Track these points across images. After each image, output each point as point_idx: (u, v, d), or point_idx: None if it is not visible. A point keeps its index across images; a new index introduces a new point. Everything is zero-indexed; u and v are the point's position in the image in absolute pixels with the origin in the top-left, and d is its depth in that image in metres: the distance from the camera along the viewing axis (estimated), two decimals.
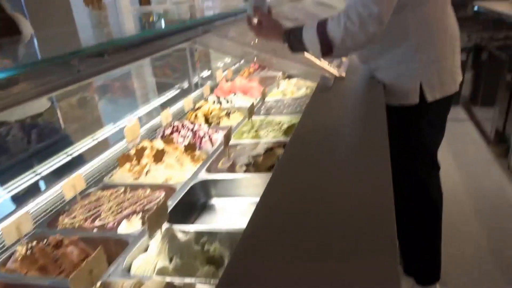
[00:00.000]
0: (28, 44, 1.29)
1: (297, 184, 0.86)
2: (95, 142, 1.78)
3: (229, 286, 0.59)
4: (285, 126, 1.57)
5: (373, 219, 0.71)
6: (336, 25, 1.19)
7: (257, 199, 0.82)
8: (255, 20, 1.41)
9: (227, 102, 2.05)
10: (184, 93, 2.57)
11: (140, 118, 2.18)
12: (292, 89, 2.04)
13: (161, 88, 2.71)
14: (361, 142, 1.04)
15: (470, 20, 3.99)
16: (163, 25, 1.62)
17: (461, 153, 3.13)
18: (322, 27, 1.22)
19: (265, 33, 1.39)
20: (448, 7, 1.33)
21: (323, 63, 1.54)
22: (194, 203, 1.24)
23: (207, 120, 1.87)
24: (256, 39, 1.49)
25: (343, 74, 1.55)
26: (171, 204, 1.11)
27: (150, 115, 2.21)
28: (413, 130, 1.40)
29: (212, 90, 2.31)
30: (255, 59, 1.72)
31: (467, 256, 2.02)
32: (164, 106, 2.31)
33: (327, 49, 1.24)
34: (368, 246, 0.64)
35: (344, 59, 1.80)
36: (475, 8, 3.98)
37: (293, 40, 1.33)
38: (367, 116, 1.20)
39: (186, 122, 1.72)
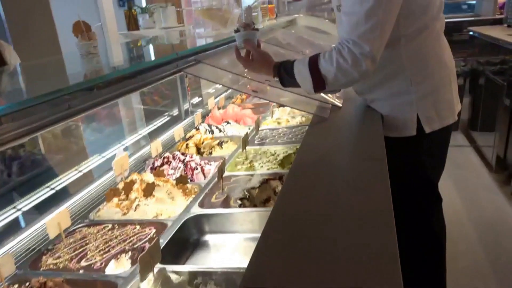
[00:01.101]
0: (13, 76, 1.32)
1: (296, 220, 0.88)
2: (80, 174, 1.78)
3: None
4: (280, 157, 1.60)
5: (376, 255, 0.72)
6: (328, 62, 1.24)
7: (253, 235, 0.83)
8: (244, 52, 1.47)
9: (220, 131, 2.09)
10: (174, 121, 2.60)
11: (127, 148, 2.20)
12: (287, 117, 2.09)
13: (150, 115, 2.74)
14: (361, 175, 1.07)
15: (466, 44, 4.16)
16: (152, 55, 1.67)
17: (462, 180, 3.19)
18: (314, 63, 1.28)
19: (254, 66, 1.44)
20: (442, 38, 1.40)
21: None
22: (186, 240, 1.24)
23: (198, 150, 1.89)
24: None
25: (340, 104, 1.60)
26: (162, 241, 1.12)
27: (138, 145, 2.23)
28: (412, 162, 1.44)
29: (203, 118, 2.35)
30: (247, 88, 1.77)
31: (472, 285, 2.03)
32: (153, 135, 2.34)
33: (319, 85, 1.29)
34: (372, 282, 0.65)
35: None
36: (470, 33, 4.15)
37: (284, 75, 1.38)
38: (366, 148, 1.24)
39: (177, 153, 1.74)
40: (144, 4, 4.51)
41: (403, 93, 1.39)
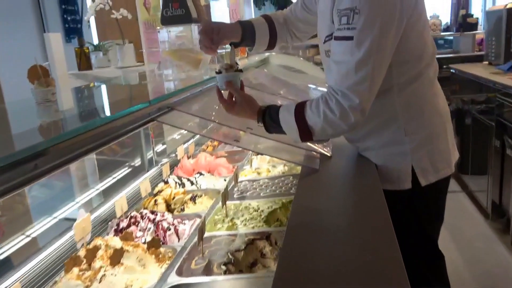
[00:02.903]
0: None
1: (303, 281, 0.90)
2: (29, 239, 1.73)
3: None
4: (265, 212, 1.63)
5: None
6: (315, 113, 1.31)
7: None
8: (226, 94, 1.53)
9: (192, 183, 2.10)
10: (136, 173, 2.57)
11: (83, 205, 2.15)
12: (267, 166, 2.14)
13: (107, 167, 2.70)
14: (365, 233, 1.11)
15: (447, 82, 4.46)
16: (120, 103, 1.68)
17: (458, 229, 3.31)
18: (300, 114, 1.34)
19: (237, 110, 1.50)
20: (436, 84, 1.52)
21: None
22: None
23: (168, 207, 1.88)
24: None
25: (329, 153, 1.67)
26: None
27: (96, 202, 2.19)
28: (408, 218, 1.49)
29: (171, 169, 2.35)
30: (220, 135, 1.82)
31: None
32: (111, 190, 2.30)
33: (306, 135, 1.36)
34: None
35: None
36: (452, 71, 4.48)
37: (269, 121, 1.44)
38: (366, 202, 1.29)
39: (146, 212, 1.73)
40: (95, 41, 4.59)
41: (396, 143, 1.47)
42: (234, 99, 1.50)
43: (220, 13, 3.14)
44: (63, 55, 3.23)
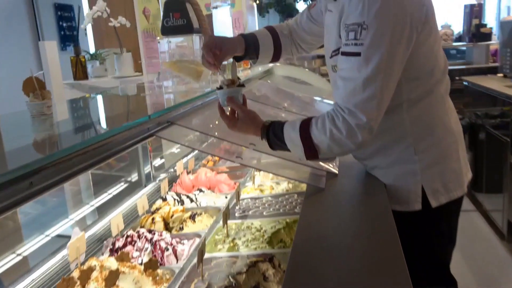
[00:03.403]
0: None
1: None
2: (19, 258, 1.73)
3: None
4: (268, 233, 1.63)
5: None
6: (321, 131, 1.32)
7: None
8: (228, 110, 1.54)
9: (191, 201, 2.10)
10: (132, 189, 2.58)
11: (77, 223, 2.15)
12: (271, 183, 2.15)
13: (102, 182, 2.71)
14: (374, 256, 1.11)
15: (460, 94, 4.47)
16: (117, 117, 1.69)
17: (471, 251, 3.29)
18: (305, 132, 1.35)
19: (240, 126, 1.51)
20: (447, 101, 1.52)
21: None
22: None
23: (166, 226, 1.89)
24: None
25: (336, 171, 1.68)
26: None
27: (92, 219, 2.19)
28: (418, 241, 1.49)
29: (170, 184, 2.36)
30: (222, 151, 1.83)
31: None
32: (106, 207, 2.30)
33: (312, 154, 1.37)
34: None
35: None
36: (465, 83, 4.50)
37: (273, 138, 1.45)
38: (374, 224, 1.30)
39: (143, 230, 1.73)
40: (91, 49, 4.61)
41: (406, 162, 1.47)
42: (236, 115, 1.52)
43: (223, 22, 3.18)
44: (59, 65, 3.26)
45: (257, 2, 7.04)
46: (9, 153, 1.14)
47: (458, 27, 5.70)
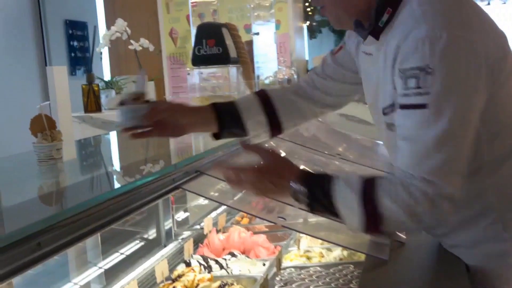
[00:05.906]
0: None
1: None
2: None
3: None
4: None
5: None
6: (392, 198, 1.24)
7: None
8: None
9: (221, 267, 2.13)
10: (149, 248, 2.61)
11: None
12: (320, 249, 2.15)
13: (112, 240, 2.75)
14: None
15: None
16: (138, 167, 1.76)
17: None
18: (369, 198, 1.26)
19: (266, 177, 1.39)
20: None
21: None
22: None
23: None
24: None
25: (403, 238, 1.68)
26: None
27: (98, 286, 2.24)
28: None
29: (195, 245, 2.39)
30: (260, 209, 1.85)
31: None
32: (116, 271, 2.34)
33: (372, 226, 1.28)
34: None
35: None
36: None
37: (320, 193, 1.34)
38: None
39: None
40: (106, 76, 4.73)
41: (493, 241, 1.44)
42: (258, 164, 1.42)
43: (265, 47, 3.25)
44: (68, 95, 3.39)
45: (307, 23, 7.20)
46: (11, 208, 1.22)
47: None
